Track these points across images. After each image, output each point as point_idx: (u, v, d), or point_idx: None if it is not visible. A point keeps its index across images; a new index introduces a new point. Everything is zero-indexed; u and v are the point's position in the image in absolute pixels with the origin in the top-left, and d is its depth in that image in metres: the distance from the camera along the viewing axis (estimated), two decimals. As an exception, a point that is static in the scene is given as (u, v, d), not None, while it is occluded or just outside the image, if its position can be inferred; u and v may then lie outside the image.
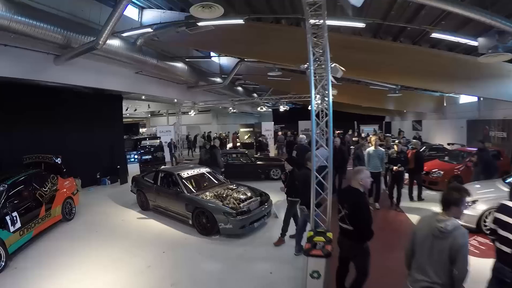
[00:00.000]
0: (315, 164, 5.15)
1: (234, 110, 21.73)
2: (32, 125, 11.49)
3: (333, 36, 6.28)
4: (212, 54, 19.74)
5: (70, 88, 12.21)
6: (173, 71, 14.38)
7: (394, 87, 16.67)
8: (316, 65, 5.32)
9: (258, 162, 13.77)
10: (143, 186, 9.42)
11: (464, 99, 18.86)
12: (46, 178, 8.48)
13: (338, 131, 23.96)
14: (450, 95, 19.30)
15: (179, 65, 14.74)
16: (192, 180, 8.59)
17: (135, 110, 26.51)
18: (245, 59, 15.88)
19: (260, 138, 19.85)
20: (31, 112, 11.46)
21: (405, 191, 9.82)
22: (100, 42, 8.35)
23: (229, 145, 25.36)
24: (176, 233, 7.62)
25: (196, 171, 9.00)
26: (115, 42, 10.17)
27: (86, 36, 8.89)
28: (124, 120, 35.51)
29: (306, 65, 5.50)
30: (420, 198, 9.88)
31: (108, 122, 14.87)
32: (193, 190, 8.09)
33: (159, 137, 18.92)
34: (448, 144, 16.46)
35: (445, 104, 21.00)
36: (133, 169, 15.13)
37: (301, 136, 12.75)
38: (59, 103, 12.51)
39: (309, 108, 20.20)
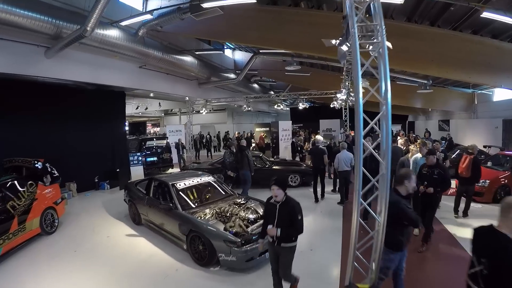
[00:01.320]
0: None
1: (249, 108, 20.18)
2: (24, 124, 10.46)
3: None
4: (225, 48, 18.58)
5: (65, 83, 11.20)
6: (182, 65, 13.27)
7: (425, 82, 15.12)
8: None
9: (274, 167, 12.13)
10: (134, 197, 7.91)
11: (499, 96, 17.06)
12: (21, 185, 7.25)
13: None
14: (482, 92, 17.64)
15: (188, 59, 13.53)
16: (191, 192, 7.01)
17: (146, 108, 25.52)
18: (260, 51, 14.51)
19: (293, 139, 17.45)
20: (23, 110, 10.42)
21: (448, 203, 8.14)
22: (88, 29, 7.44)
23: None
24: (167, 260, 6.00)
25: (197, 180, 7.36)
26: (113, 33, 9.36)
27: (79, 26, 7.91)
28: (136, 119, 35.32)
29: (338, 40, 3.93)
30: (465, 214, 8.06)
31: (109, 120, 13.58)
32: (192, 205, 6.50)
33: (167, 137, 17.52)
34: (484, 146, 14.49)
35: (476, 102, 19.15)
36: (137, 172, 13.82)
37: (317, 137, 11.16)
38: (54, 100, 11.42)
39: (332, 105, 18.55)
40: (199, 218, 5.91)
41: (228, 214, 5.99)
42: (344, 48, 3.86)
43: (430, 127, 24.09)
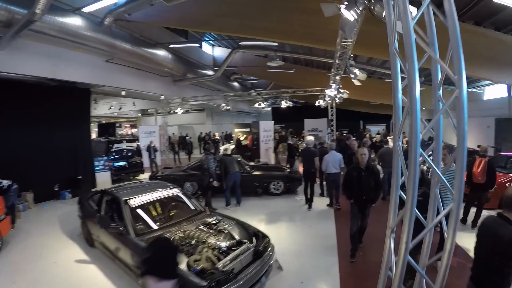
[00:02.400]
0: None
1: (228, 107, 18.97)
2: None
3: None
4: (202, 42, 17.41)
5: (23, 79, 9.95)
6: (154, 60, 12.00)
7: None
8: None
9: (254, 173, 10.95)
10: (86, 213, 6.61)
11: (490, 94, 16.99)
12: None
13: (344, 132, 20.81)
14: (473, 90, 17.12)
15: (161, 53, 12.27)
16: (149, 210, 5.73)
17: (120, 108, 24.03)
18: (240, 43, 13.36)
19: (289, 141, 15.10)
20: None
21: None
22: (37, 12, 6.33)
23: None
24: (119, 299, 4.77)
25: (158, 194, 5.99)
26: (74, 21, 8.18)
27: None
28: (113, 119, 33.56)
29: (343, 5, 2.88)
30: (475, 225, 7.04)
31: (72, 121, 12.12)
32: (149, 228, 5.22)
33: (137, 139, 16.15)
34: (478, 146, 13.93)
35: (465, 101, 18.69)
36: (103, 178, 12.50)
37: (308, 138, 10.34)
38: (8, 98, 10.11)
39: (317, 103, 17.35)
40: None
41: (193, 242, 4.63)
42: (351, 16, 2.80)
43: (414, 127, 23.47)
